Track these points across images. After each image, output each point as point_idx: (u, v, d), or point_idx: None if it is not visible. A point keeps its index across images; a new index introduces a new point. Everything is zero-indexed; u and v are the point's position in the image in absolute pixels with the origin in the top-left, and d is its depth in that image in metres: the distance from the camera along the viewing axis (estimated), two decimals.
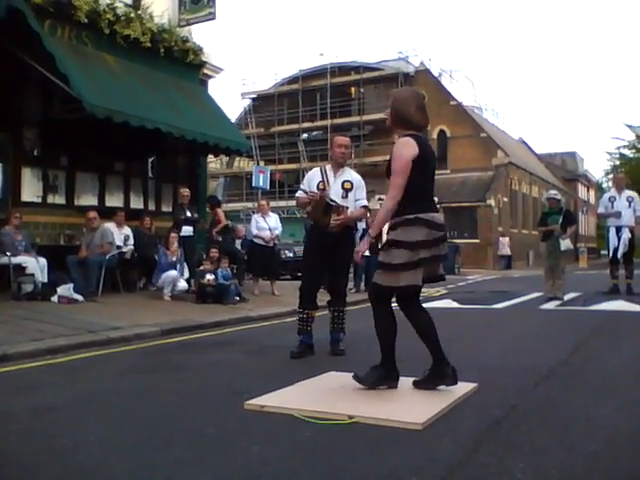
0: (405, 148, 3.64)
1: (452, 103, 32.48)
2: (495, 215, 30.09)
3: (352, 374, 3.86)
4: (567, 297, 10.43)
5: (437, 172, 4.07)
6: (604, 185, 51.35)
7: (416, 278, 3.66)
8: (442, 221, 3.78)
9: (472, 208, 29.96)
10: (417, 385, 3.80)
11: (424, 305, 3.97)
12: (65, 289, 8.28)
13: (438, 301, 10.44)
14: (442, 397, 3.58)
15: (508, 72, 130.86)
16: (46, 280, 8.57)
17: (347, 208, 5.20)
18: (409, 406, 3.45)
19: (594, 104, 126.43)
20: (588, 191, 52.76)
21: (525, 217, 34.94)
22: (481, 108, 37.97)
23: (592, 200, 51.84)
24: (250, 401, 3.55)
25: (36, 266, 8.53)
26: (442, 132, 32.47)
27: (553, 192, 11.17)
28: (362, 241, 4.03)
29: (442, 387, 3.74)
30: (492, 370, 4.58)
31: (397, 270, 3.63)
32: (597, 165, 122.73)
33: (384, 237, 3.95)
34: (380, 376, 3.78)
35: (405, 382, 3.85)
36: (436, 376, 3.76)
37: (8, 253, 8.40)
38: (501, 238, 29.27)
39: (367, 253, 4.74)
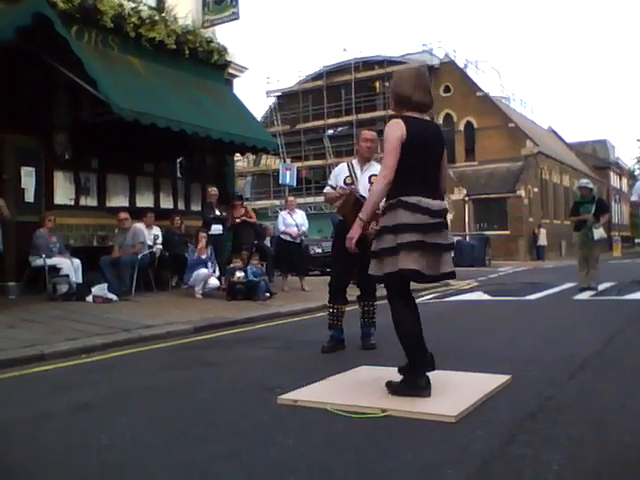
0: (391, 129, 3.50)
1: (479, 94, 32.07)
2: (525, 206, 29.70)
3: (395, 371, 3.58)
4: (601, 287, 10.26)
5: (465, 164, 3.93)
6: (636, 172, 50.35)
7: (402, 264, 3.37)
8: (440, 207, 3.51)
9: (501, 199, 29.65)
10: (394, 392, 3.52)
11: (454, 298, 3.92)
12: (99, 289, 8.43)
13: (469, 294, 10.27)
14: (475, 389, 3.55)
15: (536, 60, 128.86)
16: (80, 281, 8.74)
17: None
18: (442, 399, 3.42)
19: (625, 91, 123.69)
20: (620, 179, 51.70)
21: (556, 207, 34.41)
22: (508, 98, 37.44)
23: (624, 188, 50.82)
24: (283, 396, 3.57)
25: (70, 267, 8.70)
26: (469, 123, 32.10)
27: (585, 181, 10.93)
28: (353, 226, 3.63)
29: (474, 379, 3.65)
30: (526, 362, 4.53)
31: (381, 256, 3.46)
32: (629, 153, 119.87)
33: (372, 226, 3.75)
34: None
35: (437, 375, 3.72)
36: (410, 381, 3.50)
37: (43, 255, 8.58)
38: (541, 229, 29.43)
39: None
